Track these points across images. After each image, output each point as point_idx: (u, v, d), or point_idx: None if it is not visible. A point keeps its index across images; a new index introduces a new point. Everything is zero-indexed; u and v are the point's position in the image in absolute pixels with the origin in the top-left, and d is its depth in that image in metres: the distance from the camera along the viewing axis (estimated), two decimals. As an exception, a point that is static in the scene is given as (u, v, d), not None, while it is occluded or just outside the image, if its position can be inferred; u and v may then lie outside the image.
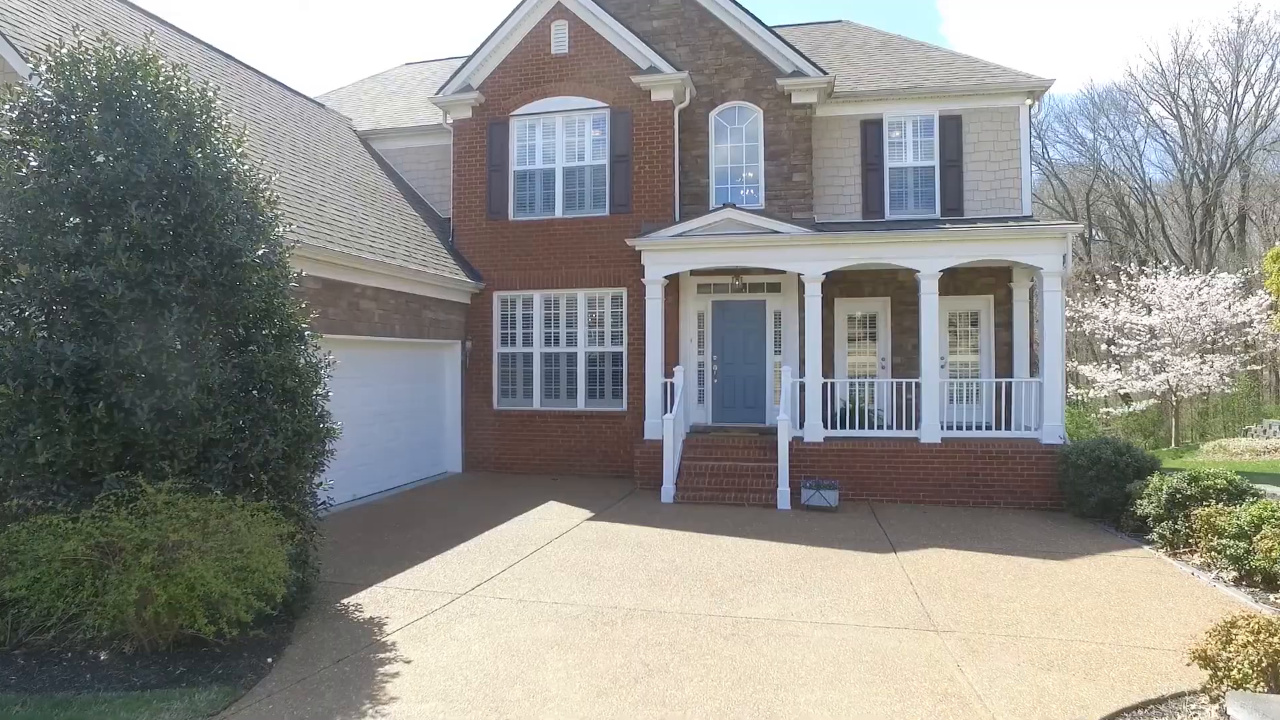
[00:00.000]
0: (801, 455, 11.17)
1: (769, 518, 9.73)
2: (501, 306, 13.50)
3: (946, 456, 10.86)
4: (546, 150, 13.32)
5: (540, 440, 13.10)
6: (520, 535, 8.63)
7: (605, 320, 13.01)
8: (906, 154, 13.01)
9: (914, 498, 10.88)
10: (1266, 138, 33.63)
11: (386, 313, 10.98)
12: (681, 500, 10.76)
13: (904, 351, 12.87)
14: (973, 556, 7.82)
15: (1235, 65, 33.79)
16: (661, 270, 11.88)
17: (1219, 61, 34.90)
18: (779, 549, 8.08)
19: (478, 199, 13.61)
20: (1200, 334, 21.79)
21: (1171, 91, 35.59)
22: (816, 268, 11.33)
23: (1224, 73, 34.29)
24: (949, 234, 10.96)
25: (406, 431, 12.02)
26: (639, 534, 8.74)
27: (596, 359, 13.00)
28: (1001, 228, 11.01)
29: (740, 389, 13.01)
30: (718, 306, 13.18)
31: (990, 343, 12.72)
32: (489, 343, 13.44)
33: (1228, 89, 34.25)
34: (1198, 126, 35.09)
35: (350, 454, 10.19)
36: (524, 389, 13.35)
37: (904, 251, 11.09)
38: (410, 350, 12.14)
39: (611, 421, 12.79)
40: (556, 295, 13.20)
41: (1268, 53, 33.20)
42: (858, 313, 13.24)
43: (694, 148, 13.27)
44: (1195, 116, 35.34)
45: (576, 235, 13.05)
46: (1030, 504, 10.56)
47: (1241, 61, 33.67)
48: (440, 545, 8.11)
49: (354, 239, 10.29)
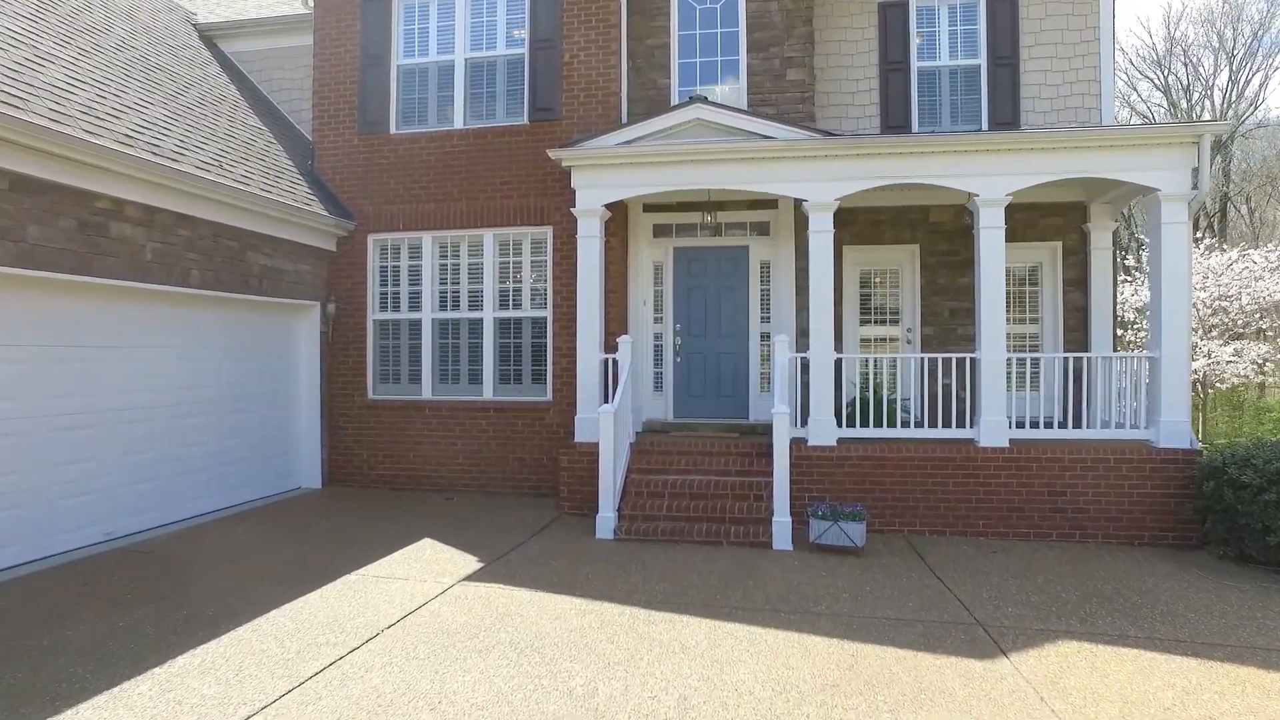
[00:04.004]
0: (805, 465, 7.58)
1: (764, 569, 6.10)
2: (379, 254, 9.63)
3: (1017, 467, 7.37)
4: (443, 35, 9.47)
5: (433, 443, 9.29)
6: (331, 619, 4.84)
7: (524, 273, 9.23)
8: (941, 49, 9.47)
9: (970, 528, 7.37)
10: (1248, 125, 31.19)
11: (171, 248, 7.05)
12: (627, 535, 7.07)
13: (938, 319, 9.35)
14: (1152, 664, 4.26)
15: (1217, 48, 31.31)
16: (600, 196, 8.15)
17: (1205, 47, 32.44)
18: (797, 656, 4.42)
19: (347, 106, 9.70)
20: (1230, 318, 18.97)
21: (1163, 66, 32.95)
22: (826, 190, 7.71)
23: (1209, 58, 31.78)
24: (1026, 138, 7.41)
25: (226, 432, 8.11)
26: (543, 614, 5.02)
27: (511, 328, 9.23)
28: (1102, 130, 7.50)
29: (713, 371, 9.35)
30: (682, 256, 9.50)
31: (1056, 307, 9.27)
32: (362, 305, 9.56)
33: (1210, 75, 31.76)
34: (1189, 106, 32.58)
35: (102, 468, 6.38)
36: (410, 370, 9.51)
37: (956, 165, 7.53)
38: (233, 312, 8.22)
39: (532, 416, 9.04)
40: (456, 238, 9.39)
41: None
42: (874, 267, 9.67)
43: (649, 35, 9.55)
44: (1188, 91, 32.77)
45: (484, 153, 9.24)
46: (1143, 538, 7.12)
47: (1223, 44, 31.16)
48: (160, 647, 4.28)
49: (100, 121, 6.34)
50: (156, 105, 7.69)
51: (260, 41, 11.43)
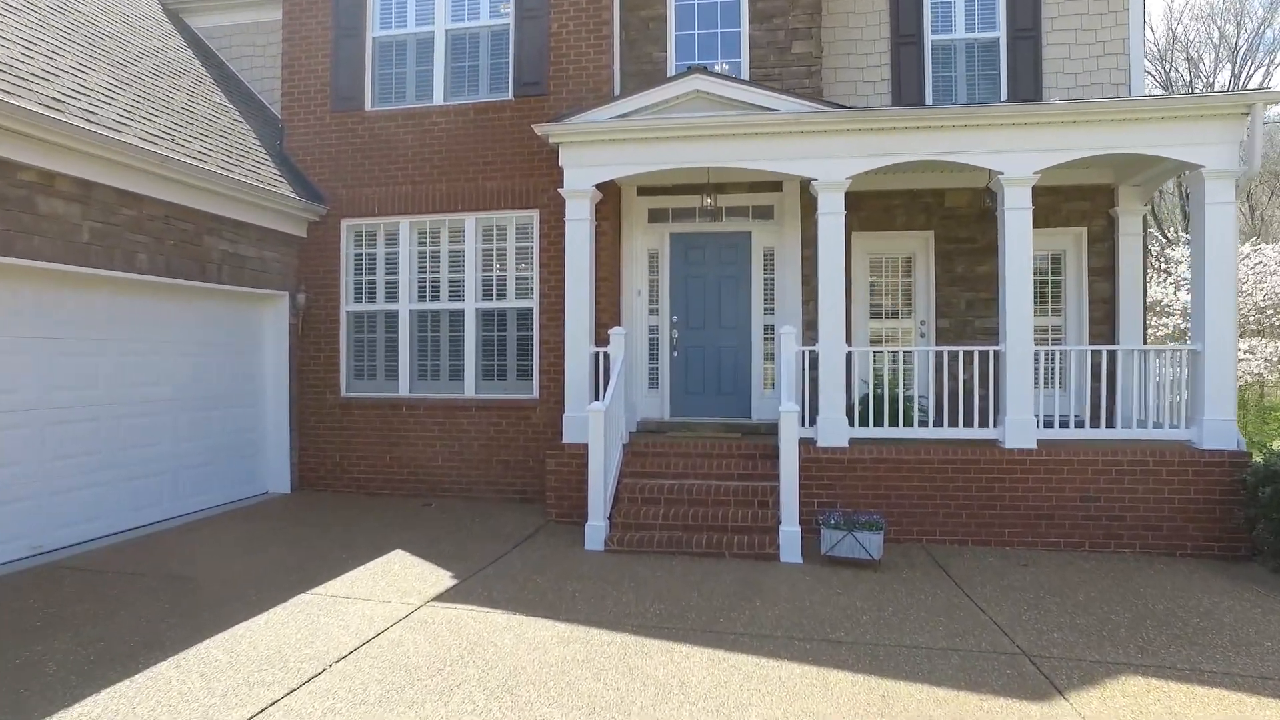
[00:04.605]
0: (813, 469, 6.92)
1: (771, 586, 5.44)
2: (353, 241, 8.94)
3: (1046, 471, 6.72)
4: (422, 5, 8.77)
5: (410, 444, 8.60)
6: (274, 650, 4.16)
7: (509, 261, 8.55)
8: (956, 21, 8.82)
9: (993, 538, 6.73)
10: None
11: (112, 229, 6.35)
12: (619, 546, 6.40)
13: (954, 312, 8.69)
14: (1242, 710, 3.61)
15: (1218, 43, 30.84)
16: (590, 175, 7.48)
17: (1206, 43, 31.94)
18: (819, 697, 3.75)
19: (318, 80, 9.01)
20: (1243, 314, 18.34)
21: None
22: (837, 168, 7.05)
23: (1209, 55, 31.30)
24: (1057, 110, 6.77)
25: (184, 433, 7.41)
26: (520, 643, 4.35)
27: (495, 320, 8.55)
28: (1142, 101, 6.84)
29: (713, 366, 8.69)
30: (680, 242, 8.83)
31: (1080, 297, 8.63)
32: (335, 296, 8.87)
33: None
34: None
35: (28, 474, 5.72)
36: (386, 366, 8.82)
37: (980, 140, 6.87)
38: (190, 302, 7.52)
39: (517, 415, 8.36)
40: (435, 223, 8.70)
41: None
42: (885, 256, 9.02)
43: (644, 5, 8.88)
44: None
45: (466, 132, 8.56)
46: (1185, 548, 6.48)
47: (1225, 40, 30.68)
48: (54, 692, 3.58)
49: (23, 82, 5.64)
50: (99, 72, 6.98)
51: (230, 16, 10.71)
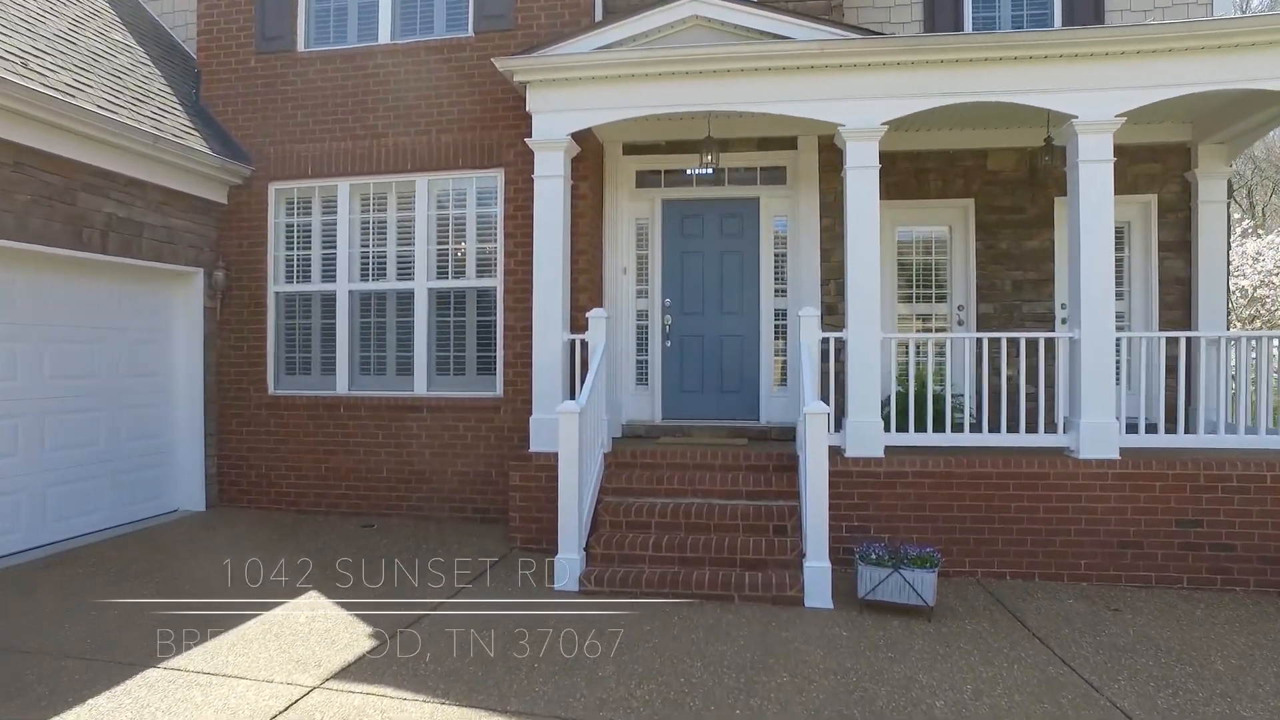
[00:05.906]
0: (841, 484, 5.53)
1: (799, 649, 4.04)
2: (284, 208, 7.48)
3: (1134, 487, 5.37)
4: (366, -74, 7.34)
5: (350, 451, 7.15)
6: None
7: (468, 232, 7.11)
8: (1001, -49, 7.47)
9: (1067, 570, 5.37)
10: None
11: (-59, 176, 4.88)
12: (597, 587, 4.98)
13: (998, 294, 7.33)
14: None
15: None
16: (565, 122, 6.05)
17: None
18: None
19: (241, 15, 7.54)
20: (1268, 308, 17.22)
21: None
22: (869, 111, 5.67)
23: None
24: (1150, 33, 5.39)
25: (54, 440, 5.92)
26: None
27: (452, 302, 7.11)
28: (1267, 18, 5.47)
29: (713, 358, 7.28)
30: (674, 211, 7.42)
31: (1148, 278, 7.29)
32: (261, 274, 7.41)
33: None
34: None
35: None
36: (323, 358, 7.37)
37: (1048, 76, 5.50)
38: (65, 276, 6.05)
39: (477, 416, 6.93)
40: (381, 187, 7.26)
41: None
42: (916, 228, 7.64)
43: (632, -71, 7.47)
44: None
45: (418, 76, 7.12)
46: (1312, 586, 5.15)
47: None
48: None
49: None
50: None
51: (152, -46, 9.21)
